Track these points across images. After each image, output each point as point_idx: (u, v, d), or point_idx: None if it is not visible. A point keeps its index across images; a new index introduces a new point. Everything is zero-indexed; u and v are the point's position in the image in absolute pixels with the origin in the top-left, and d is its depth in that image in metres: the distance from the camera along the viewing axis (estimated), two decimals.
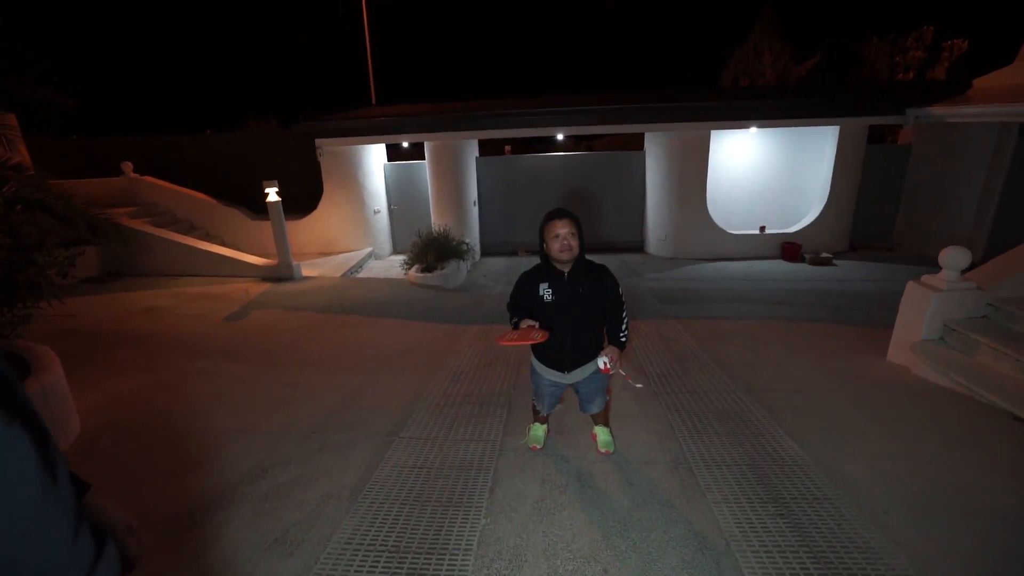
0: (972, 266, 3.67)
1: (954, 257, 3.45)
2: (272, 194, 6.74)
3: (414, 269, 7.04)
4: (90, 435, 3.05)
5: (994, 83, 6.82)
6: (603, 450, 2.70)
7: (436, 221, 8.16)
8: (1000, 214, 6.79)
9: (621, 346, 2.29)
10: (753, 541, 2.04)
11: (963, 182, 7.23)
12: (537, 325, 2.16)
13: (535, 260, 2.38)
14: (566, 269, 2.23)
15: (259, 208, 8.96)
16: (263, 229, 8.54)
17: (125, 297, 6.34)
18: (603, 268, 2.33)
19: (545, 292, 2.24)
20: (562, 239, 2.14)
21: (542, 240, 2.23)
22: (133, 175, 8.85)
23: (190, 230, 8.67)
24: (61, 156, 9.58)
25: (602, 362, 2.21)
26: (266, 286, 6.75)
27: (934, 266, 3.63)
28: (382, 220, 9.19)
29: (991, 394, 3.01)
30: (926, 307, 3.56)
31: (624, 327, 2.32)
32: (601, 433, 2.74)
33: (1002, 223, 6.78)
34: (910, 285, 3.73)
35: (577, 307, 2.24)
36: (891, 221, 8.58)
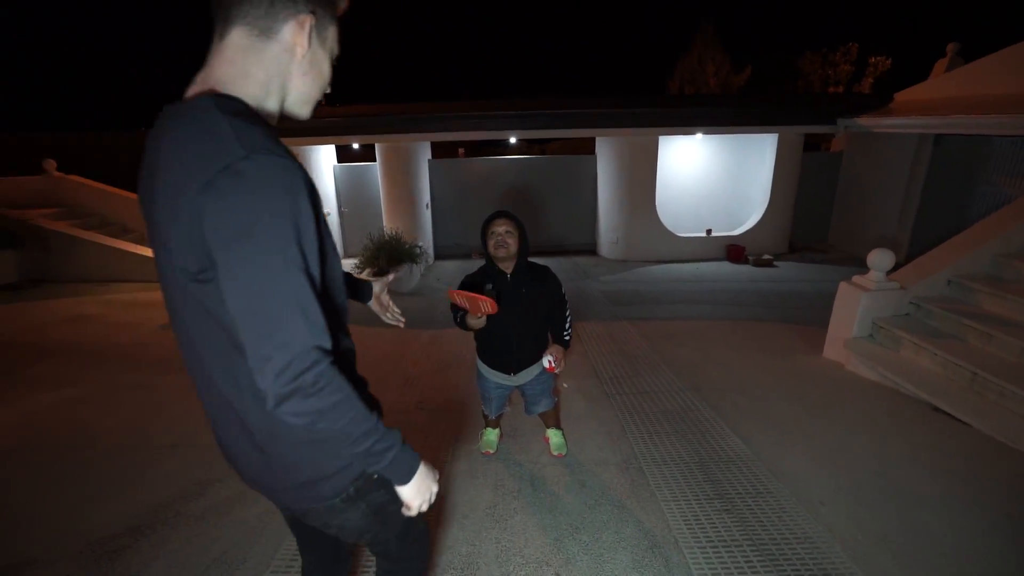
0: (897, 266, 3.93)
1: (880, 259, 3.68)
2: None
3: (366, 273, 6.87)
4: (5, 457, 2.79)
5: (913, 97, 7.36)
6: (556, 453, 2.71)
7: (388, 224, 8.01)
8: (920, 218, 7.32)
9: (565, 344, 2.34)
10: (700, 537, 2.09)
11: (888, 188, 7.75)
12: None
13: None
14: (508, 270, 2.24)
15: None
16: None
17: (46, 305, 5.87)
18: (546, 269, 2.36)
19: (489, 294, 2.21)
20: (497, 236, 2.16)
21: (484, 241, 2.23)
22: (56, 174, 8.22)
23: (123, 233, 8.12)
24: None
25: (547, 361, 2.26)
26: None
27: (865, 267, 3.86)
28: (332, 223, 8.93)
29: (914, 387, 3.23)
30: (856, 306, 3.78)
31: (567, 326, 2.36)
32: (554, 436, 2.75)
33: (922, 226, 7.31)
34: (842, 285, 3.95)
35: (521, 308, 2.24)
36: (826, 224, 9.09)
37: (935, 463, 2.59)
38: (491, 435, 2.78)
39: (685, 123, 7.61)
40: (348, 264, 8.04)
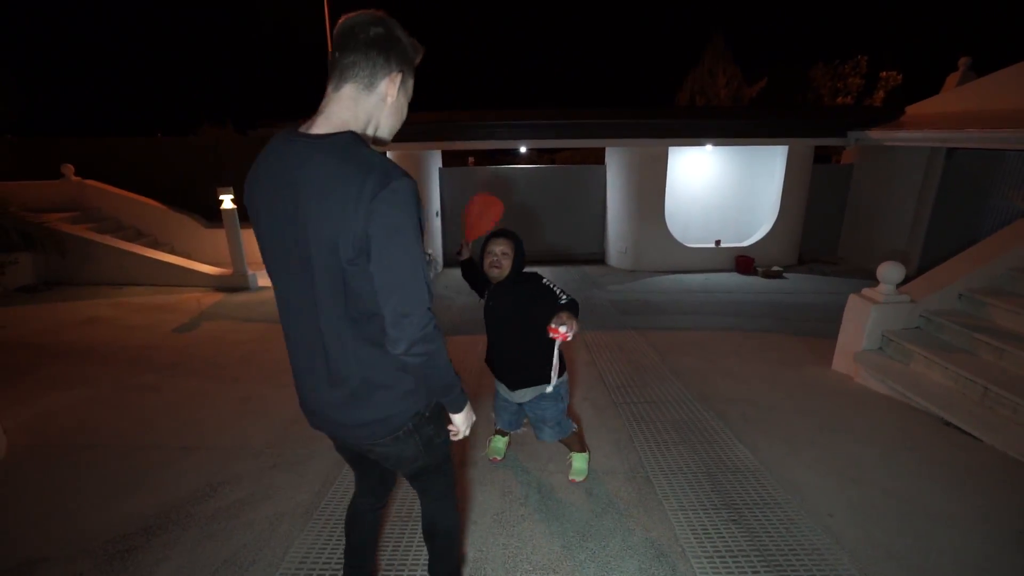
0: (907, 279, 3.92)
1: (890, 272, 3.67)
2: (227, 201, 6.52)
3: None
4: (18, 457, 2.84)
5: (924, 111, 7.35)
6: (572, 478, 2.56)
7: None
8: (931, 231, 7.28)
9: (572, 310, 1.99)
10: (707, 547, 2.09)
11: (899, 201, 7.72)
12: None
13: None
14: (496, 280, 2.21)
15: (213, 215, 8.64)
16: (217, 237, 8.23)
17: (62, 307, 5.97)
18: (531, 274, 2.21)
19: (488, 298, 2.29)
20: (494, 256, 2.17)
21: (482, 254, 2.22)
22: (75, 178, 8.38)
23: (137, 237, 8.26)
24: None
25: (552, 326, 1.86)
26: (219, 296, 6.51)
27: (875, 279, 3.85)
28: None
29: (924, 400, 3.21)
30: (866, 319, 3.76)
31: (565, 297, 2.07)
32: (576, 460, 2.60)
33: (933, 239, 7.27)
34: (851, 298, 3.94)
35: (510, 316, 2.19)
36: (836, 236, 9.06)
37: (945, 478, 2.57)
38: (499, 442, 2.78)
39: (695, 134, 7.65)
40: None
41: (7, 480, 2.64)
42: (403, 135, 7.61)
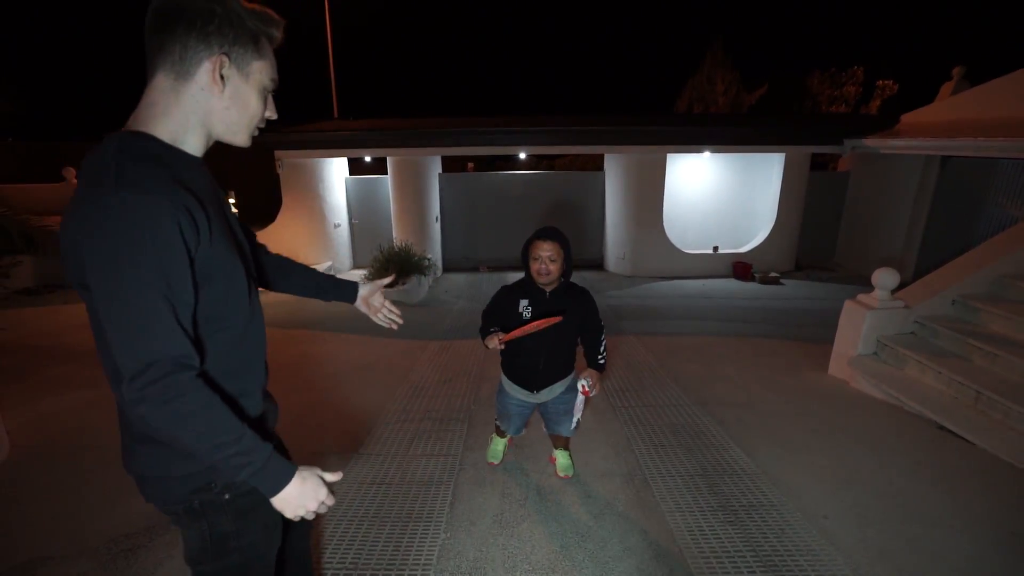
0: (902, 285, 3.96)
1: (885, 278, 3.72)
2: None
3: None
4: (21, 457, 2.87)
5: (919, 119, 7.43)
6: (562, 474, 2.65)
7: (398, 236, 8.13)
8: (927, 238, 7.34)
9: (600, 368, 2.25)
10: (704, 548, 2.12)
11: (894, 208, 7.79)
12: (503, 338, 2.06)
13: (497, 277, 2.37)
14: (549, 288, 2.20)
15: None
16: None
17: (64, 310, 6.00)
18: (584, 291, 2.30)
19: (525, 309, 2.20)
20: (541, 261, 2.11)
21: (526, 257, 2.19)
22: (75, 182, 8.42)
23: None
24: None
25: (582, 384, 2.16)
26: None
27: (871, 285, 3.89)
28: (342, 234, 9.06)
29: (918, 405, 3.25)
30: (861, 324, 3.81)
31: (602, 349, 2.28)
32: (561, 457, 2.69)
33: (928, 246, 7.33)
34: (847, 303, 3.98)
35: (555, 328, 2.14)
36: (832, 243, 9.12)
37: (939, 481, 2.61)
38: (498, 444, 2.77)
39: (693, 141, 7.72)
40: (357, 275, 8.15)
41: (10, 480, 2.66)
42: (403, 140, 7.70)
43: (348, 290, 1.51)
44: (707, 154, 8.37)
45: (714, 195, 8.93)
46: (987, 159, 6.35)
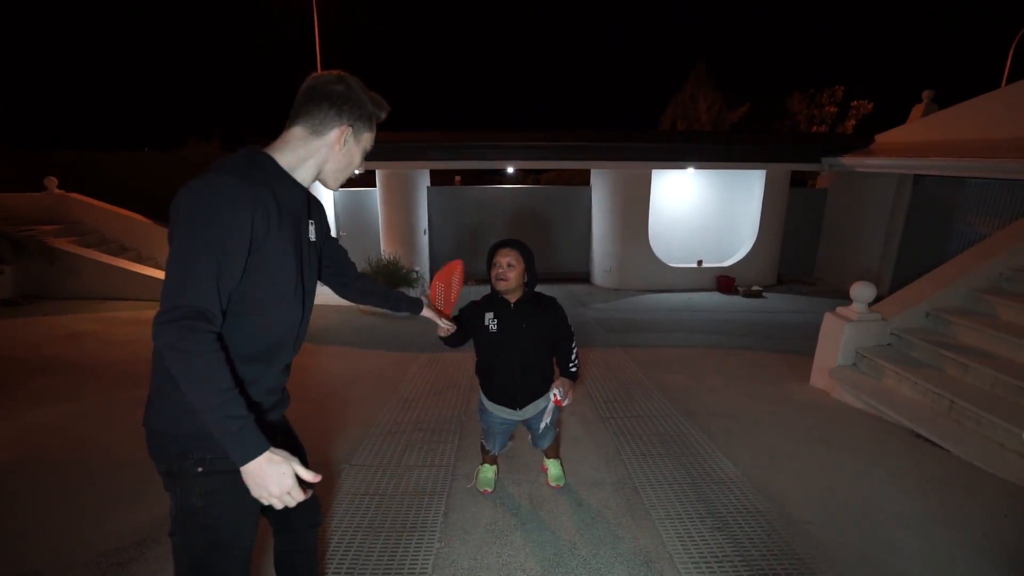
0: (880, 299, 4.11)
1: (862, 291, 3.86)
2: None
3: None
4: (5, 471, 2.81)
5: (892, 139, 7.73)
6: (553, 484, 2.66)
7: (386, 248, 8.15)
8: (902, 252, 7.60)
9: (572, 377, 2.28)
10: (694, 554, 2.17)
11: (871, 223, 8.06)
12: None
13: (484, 289, 2.33)
14: (512, 299, 2.20)
15: None
16: None
17: (44, 322, 5.89)
18: (551, 300, 2.30)
19: (491, 323, 2.20)
20: (499, 267, 2.13)
21: (488, 269, 2.20)
22: (57, 191, 8.32)
23: (121, 251, 8.19)
24: None
25: (554, 393, 2.21)
26: None
27: (849, 299, 4.03)
28: None
29: (896, 414, 3.36)
30: (840, 336, 3.94)
31: (574, 358, 2.30)
32: (552, 467, 2.71)
33: (904, 261, 7.59)
34: (827, 316, 4.12)
35: (523, 340, 2.20)
36: (812, 257, 9.37)
37: (916, 487, 2.71)
38: (488, 472, 2.67)
39: (677, 158, 7.92)
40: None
41: None
42: (392, 154, 7.76)
43: (415, 304, 1.86)
44: (691, 170, 8.58)
45: (698, 210, 9.13)
46: (955, 178, 6.62)
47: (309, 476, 1.06)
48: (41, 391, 3.92)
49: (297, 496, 1.03)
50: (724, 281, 8.26)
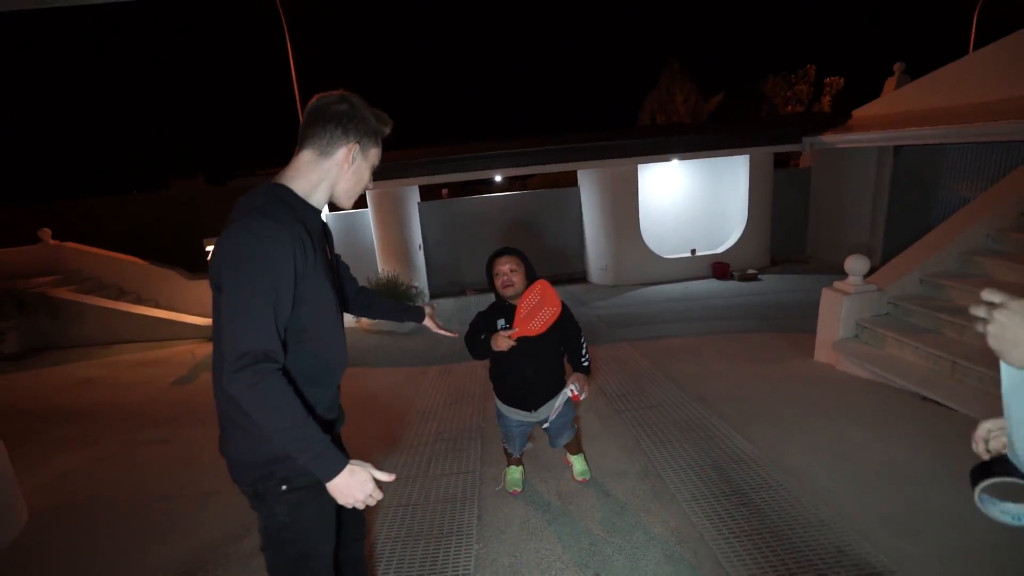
0: (873, 270, 4.23)
1: (856, 264, 3.97)
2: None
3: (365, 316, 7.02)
4: (41, 520, 2.85)
5: (869, 113, 7.90)
6: (579, 478, 2.73)
7: (383, 267, 8.22)
8: (890, 223, 7.75)
9: (585, 371, 2.35)
10: (723, 529, 2.25)
11: (857, 198, 8.21)
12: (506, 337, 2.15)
13: (484, 298, 2.44)
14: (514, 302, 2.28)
15: (195, 267, 8.66)
16: (202, 288, 8.22)
17: (53, 372, 5.91)
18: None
19: (503, 329, 2.26)
20: (503, 275, 2.22)
21: (491, 280, 2.30)
22: (52, 242, 8.34)
23: (120, 295, 8.20)
24: None
25: (570, 390, 2.29)
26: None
27: (844, 273, 4.14)
28: None
29: (901, 380, 3.46)
30: (840, 309, 4.04)
31: (584, 352, 2.38)
32: (576, 462, 2.78)
33: (892, 231, 7.74)
34: (825, 291, 4.22)
35: (534, 341, 2.25)
36: (803, 236, 9.52)
37: (927, 446, 2.80)
38: (515, 473, 2.75)
39: (660, 151, 8.04)
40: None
41: (35, 543, 2.65)
42: (378, 174, 7.82)
43: (417, 313, 1.91)
44: (676, 162, 8.72)
45: (686, 200, 9.26)
46: (935, 146, 6.79)
47: (385, 477, 1.20)
48: (60, 439, 3.95)
49: (377, 496, 1.18)
50: (719, 267, 8.38)
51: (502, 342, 2.13)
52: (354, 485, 1.14)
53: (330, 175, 1.27)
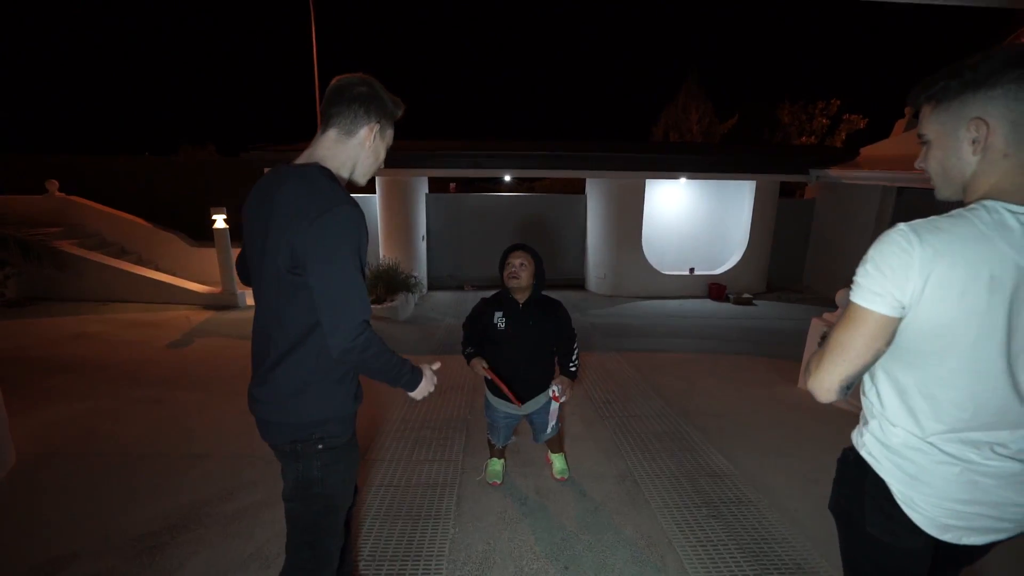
0: None
1: (846, 298, 4.06)
2: (220, 221, 6.66)
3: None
4: (29, 465, 2.92)
5: (876, 153, 8.02)
6: (558, 476, 2.83)
7: (385, 254, 8.29)
8: None
9: (571, 376, 2.47)
10: (691, 537, 2.34)
11: (857, 234, 8.33)
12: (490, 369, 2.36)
13: (481, 294, 2.55)
14: (521, 299, 2.38)
15: (198, 234, 8.72)
16: (203, 256, 8.30)
17: (49, 323, 5.96)
18: (557, 303, 2.50)
19: (499, 320, 2.39)
20: (512, 267, 2.33)
21: (501, 270, 2.41)
22: (59, 194, 8.38)
23: (121, 254, 8.25)
24: None
25: (553, 390, 2.40)
26: (209, 314, 6.57)
27: (836, 306, 4.24)
28: None
29: None
30: None
31: (575, 358, 2.48)
32: (556, 461, 2.88)
33: None
34: (814, 322, 4.32)
35: (528, 337, 2.39)
36: (801, 266, 9.64)
37: None
38: (496, 465, 2.84)
39: (670, 168, 8.15)
40: None
41: (23, 486, 2.72)
42: (392, 161, 7.90)
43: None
44: (683, 180, 8.83)
45: (690, 219, 9.37)
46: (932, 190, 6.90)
47: (437, 365, 1.61)
48: (55, 389, 4.01)
49: (435, 383, 1.56)
50: (715, 288, 8.49)
51: (476, 366, 2.37)
52: (429, 380, 1.51)
53: (353, 154, 1.38)
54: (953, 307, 0.89)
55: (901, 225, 0.94)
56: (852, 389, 1.03)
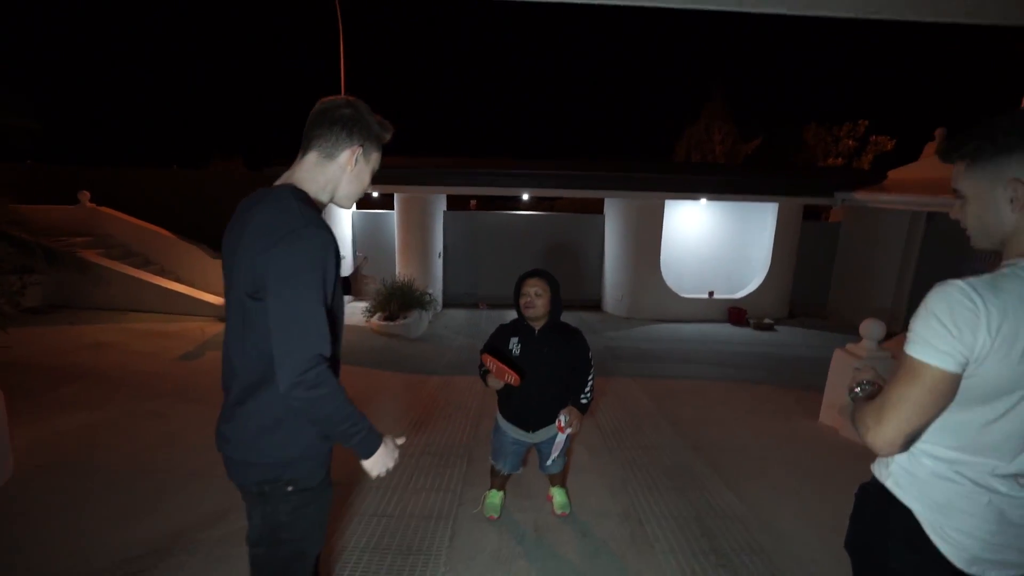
0: (892, 335, 4.11)
1: (872, 328, 3.87)
2: None
3: (376, 317, 7.09)
4: (25, 476, 2.91)
5: (905, 176, 7.76)
6: (559, 512, 2.69)
7: (401, 270, 8.30)
8: (915, 290, 7.57)
9: (581, 408, 2.33)
10: None
11: (884, 260, 8.04)
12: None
13: (496, 313, 2.49)
14: (537, 326, 2.32)
15: (220, 247, 8.87)
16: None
17: (69, 330, 6.08)
18: (575, 331, 2.40)
19: (514, 346, 2.32)
20: (527, 296, 2.26)
21: (516, 297, 2.33)
22: (89, 205, 8.64)
23: (145, 264, 8.43)
24: (13, 180, 9.28)
25: (559, 419, 2.25)
26: (223, 326, 6.62)
27: (860, 337, 4.03)
28: (347, 267, 9.23)
29: None
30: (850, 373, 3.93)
31: (587, 390, 2.35)
32: (557, 495, 2.75)
33: (918, 298, 7.45)
34: (836, 352, 4.12)
35: (542, 365, 2.29)
36: (825, 292, 9.33)
37: None
38: (495, 498, 2.70)
39: (690, 189, 8.02)
40: (359, 307, 8.25)
41: (17, 498, 2.71)
42: (408, 178, 7.96)
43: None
44: (704, 201, 8.67)
45: (710, 241, 9.19)
46: None
47: (402, 440, 1.41)
48: (67, 398, 4.05)
49: (396, 460, 1.37)
50: (735, 313, 8.26)
51: (489, 379, 2.25)
52: (387, 455, 1.33)
53: (334, 178, 1.32)
54: (1015, 364, 0.93)
55: (959, 282, 0.97)
56: (914, 443, 1.07)
